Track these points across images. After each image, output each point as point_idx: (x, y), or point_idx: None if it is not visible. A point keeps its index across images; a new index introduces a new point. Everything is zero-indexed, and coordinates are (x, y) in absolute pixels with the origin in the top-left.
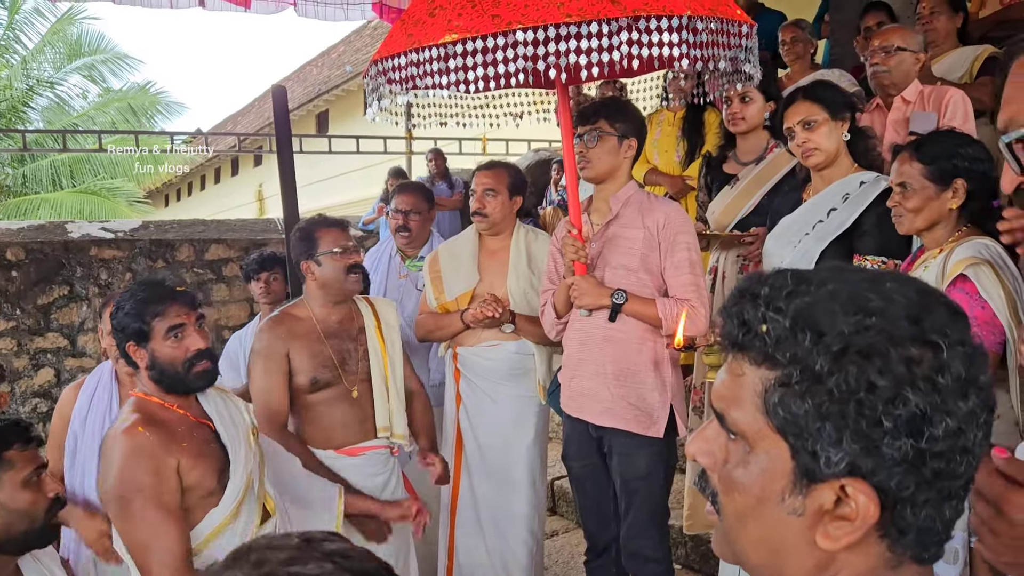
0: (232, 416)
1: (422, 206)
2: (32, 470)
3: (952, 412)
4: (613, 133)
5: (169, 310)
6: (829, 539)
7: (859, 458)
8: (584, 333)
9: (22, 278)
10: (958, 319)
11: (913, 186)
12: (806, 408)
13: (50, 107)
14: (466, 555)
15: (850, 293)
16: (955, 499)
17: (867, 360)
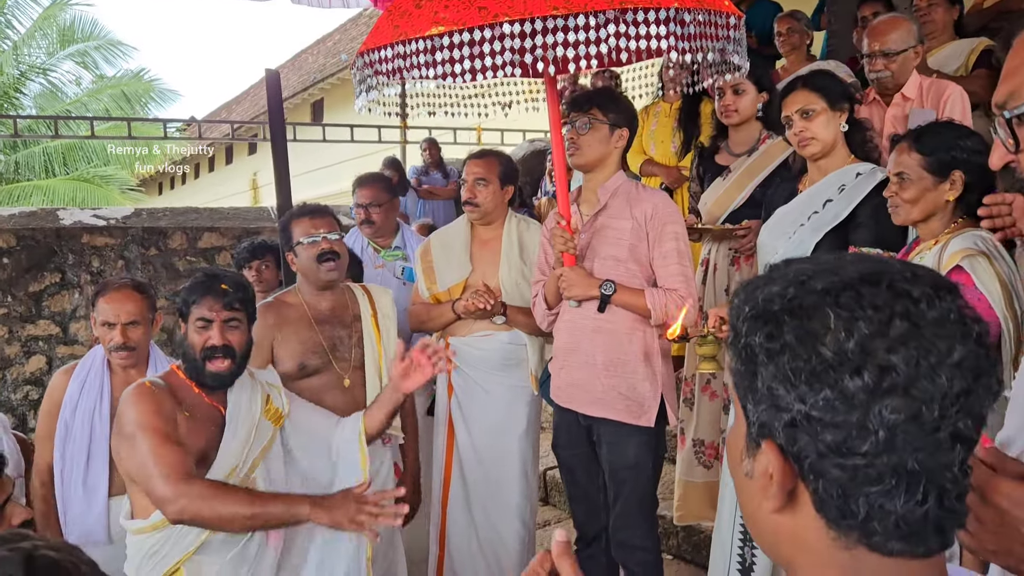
0: (249, 407)
1: (382, 197)
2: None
3: (834, 384)
4: (605, 121)
5: (204, 301)
6: (765, 501)
7: (768, 419)
8: (574, 324)
9: (13, 265)
10: (896, 299)
11: (911, 177)
12: (736, 368)
13: (42, 94)
14: (457, 545)
15: (799, 270)
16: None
17: (767, 325)
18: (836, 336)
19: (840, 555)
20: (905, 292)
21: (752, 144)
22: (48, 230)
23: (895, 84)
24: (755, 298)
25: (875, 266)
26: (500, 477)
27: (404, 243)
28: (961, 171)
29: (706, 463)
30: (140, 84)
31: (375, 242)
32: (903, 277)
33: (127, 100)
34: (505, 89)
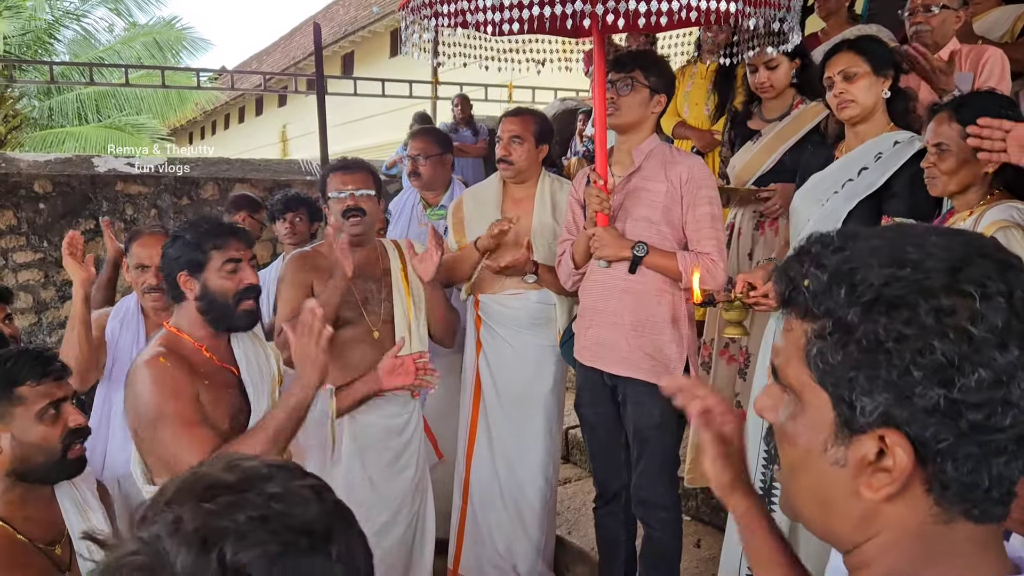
0: (260, 364)
1: (431, 150)
2: (46, 404)
3: (987, 363)
4: (646, 85)
5: (229, 244)
6: (871, 490)
7: (892, 408)
8: (603, 284)
9: (49, 210)
10: (1007, 271)
11: (950, 148)
12: (840, 359)
13: (76, 40)
14: (480, 498)
15: (891, 247)
16: (1005, 455)
17: (895, 310)
18: (982, 314)
19: (932, 529)
20: (1008, 263)
21: (785, 110)
22: (83, 177)
23: (933, 42)
24: (859, 281)
25: (967, 237)
26: (525, 433)
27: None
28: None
29: None
30: (172, 32)
31: (425, 197)
32: (996, 247)
33: (159, 48)
34: (539, 47)
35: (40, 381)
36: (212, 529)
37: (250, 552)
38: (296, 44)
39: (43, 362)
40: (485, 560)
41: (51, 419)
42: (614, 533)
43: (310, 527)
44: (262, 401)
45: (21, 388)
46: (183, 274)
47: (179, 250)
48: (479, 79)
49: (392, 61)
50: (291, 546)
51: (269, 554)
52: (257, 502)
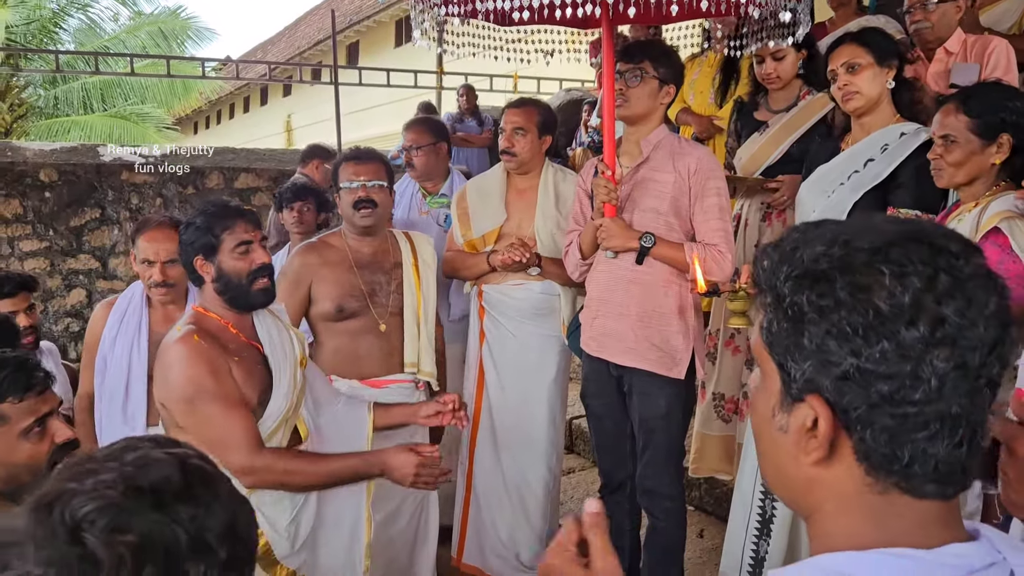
0: (283, 343)
1: (423, 140)
2: (31, 422)
3: (891, 336)
4: (655, 76)
5: (238, 225)
6: (804, 454)
7: (815, 375)
8: (610, 275)
9: (55, 199)
10: (937, 255)
11: (957, 139)
12: (777, 328)
13: (81, 29)
14: (483, 487)
15: (835, 231)
16: (925, 430)
17: (816, 283)
18: (891, 290)
19: (871, 499)
20: (944, 248)
21: (792, 101)
22: (89, 166)
23: (935, 37)
24: (796, 258)
25: (912, 225)
26: (528, 423)
27: (452, 191)
28: (1009, 134)
29: (725, 417)
30: (177, 22)
31: (423, 187)
32: (939, 234)
33: (164, 37)
34: (546, 37)
35: (23, 397)
36: (56, 491)
37: (86, 507)
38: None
39: (25, 374)
40: (488, 549)
41: (37, 436)
42: (618, 523)
43: (156, 488)
44: (284, 379)
45: (2, 406)
46: (199, 258)
47: (192, 235)
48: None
49: (397, 51)
50: (130, 502)
51: (104, 508)
52: (111, 467)
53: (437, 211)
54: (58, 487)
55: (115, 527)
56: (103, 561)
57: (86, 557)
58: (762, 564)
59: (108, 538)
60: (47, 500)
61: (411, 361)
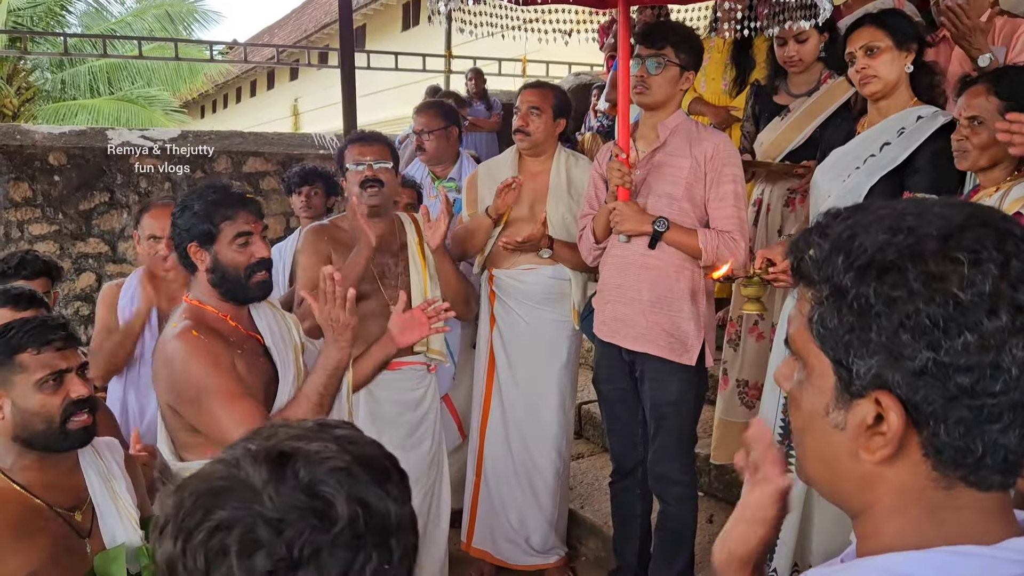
0: (282, 332)
1: (434, 124)
2: (47, 374)
3: (973, 327)
4: (677, 63)
5: (239, 216)
6: (868, 452)
7: (884, 370)
8: (622, 259)
9: (64, 183)
10: (1005, 239)
11: (986, 121)
12: (836, 323)
13: (88, 12)
14: (494, 471)
15: (892, 216)
16: (1000, 422)
17: (885, 274)
18: (971, 279)
19: (934, 494)
20: (1010, 232)
21: (813, 84)
22: (97, 150)
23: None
24: (855, 247)
25: (972, 208)
26: (538, 408)
27: (461, 175)
28: None
29: (748, 403)
30: (183, 5)
31: (432, 171)
32: (1000, 218)
33: (171, 20)
34: (563, 17)
35: (41, 350)
36: (287, 447)
37: (321, 467)
38: (308, 17)
39: (46, 331)
40: (498, 534)
41: (51, 388)
42: (629, 508)
43: (372, 462)
44: (289, 369)
45: (22, 356)
46: (193, 245)
47: (188, 220)
48: (493, 53)
49: (404, 34)
50: (357, 471)
51: (338, 470)
52: (326, 437)
53: (448, 194)
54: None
55: (349, 490)
56: (340, 517)
57: (322, 511)
58: (773, 550)
59: (343, 497)
60: (276, 453)
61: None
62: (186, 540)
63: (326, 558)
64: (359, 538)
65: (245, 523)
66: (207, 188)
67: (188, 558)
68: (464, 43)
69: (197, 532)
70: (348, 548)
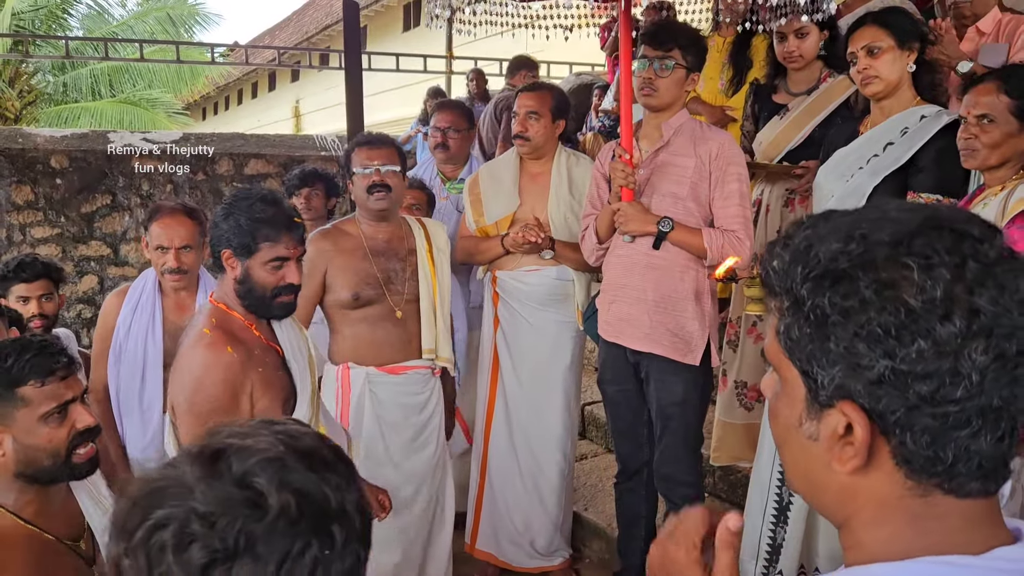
0: (300, 346)
1: (461, 124)
2: (52, 407)
3: (926, 334)
4: (684, 65)
5: (282, 239)
6: (840, 463)
7: (846, 380)
8: (627, 259)
9: (66, 186)
10: (961, 241)
11: (996, 120)
12: (798, 334)
13: (89, 15)
14: (498, 474)
15: (847, 224)
16: (968, 428)
17: (838, 284)
18: (921, 285)
19: (912, 503)
20: (967, 233)
21: (812, 83)
22: (99, 152)
23: (972, 14)
24: (811, 257)
25: (928, 211)
26: (542, 409)
27: None
28: None
29: (747, 405)
30: (184, 7)
31: (443, 171)
32: (959, 219)
33: (172, 23)
34: (565, 12)
35: (45, 381)
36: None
37: (253, 459)
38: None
39: (48, 359)
40: (503, 535)
41: (56, 421)
42: (634, 509)
43: (310, 453)
44: (305, 384)
45: (24, 389)
46: (228, 252)
47: (230, 228)
48: (494, 53)
49: (406, 35)
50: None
51: (271, 461)
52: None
53: (457, 196)
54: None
55: (281, 479)
56: (271, 507)
57: (254, 501)
58: (779, 551)
59: (275, 488)
60: (209, 451)
61: (428, 347)
62: (128, 541)
63: (262, 547)
64: (295, 525)
65: (179, 519)
66: (259, 201)
67: (131, 558)
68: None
69: (137, 532)
70: (284, 536)
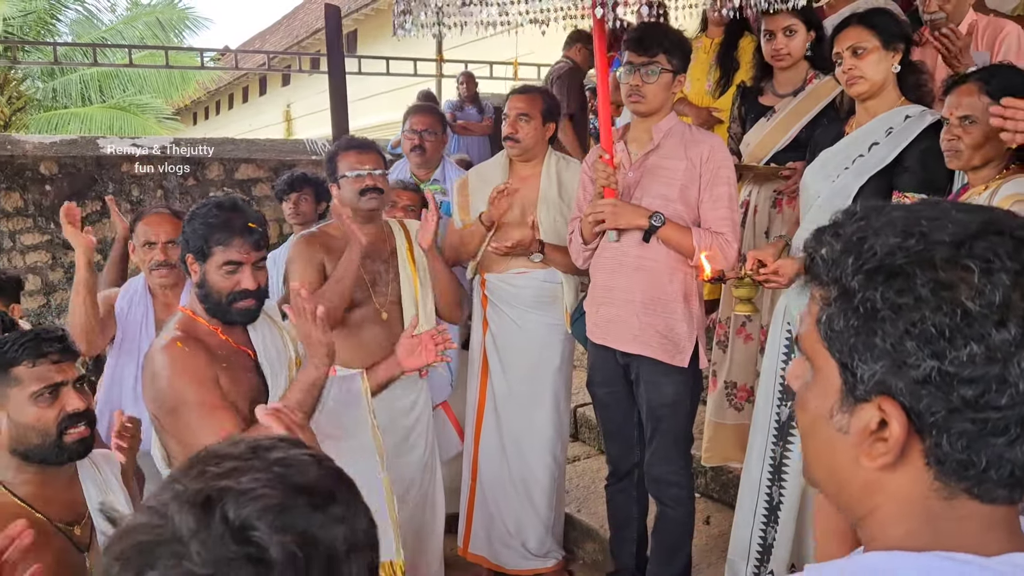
0: (277, 347)
1: (437, 127)
2: (42, 387)
3: (980, 338)
4: (671, 69)
5: (233, 243)
6: (869, 458)
7: (888, 376)
8: (615, 261)
9: (55, 192)
10: (1022, 248)
11: (978, 120)
12: (843, 325)
13: (78, 20)
14: (489, 476)
15: (906, 219)
16: (1005, 436)
17: (893, 279)
18: (980, 289)
19: (935, 504)
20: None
21: (798, 84)
22: (89, 158)
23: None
24: (865, 249)
25: (988, 214)
26: (533, 412)
27: (444, 177)
28: None
29: (737, 405)
30: (174, 12)
31: (417, 175)
32: (1018, 225)
33: (161, 28)
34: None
35: (36, 362)
36: (214, 489)
37: (251, 507)
38: (299, 22)
39: (41, 343)
40: (495, 538)
41: (46, 401)
42: (626, 511)
43: (311, 488)
44: (280, 383)
45: (17, 369)
46: (190, 256)
47: (190, 232)
48: (484, 56)
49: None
50: (291, 502)
51: (270, 508)
52: (259, 466)
53: (438, 195)
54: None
55: (282, 526)
56: (275, 561)
57: (256, 557)
58: (770, 551)
59: (278, 538)
60: (202, 498)
61: None
62: None
63: None
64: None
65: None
66: (215, 207)
67: None
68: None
69: None
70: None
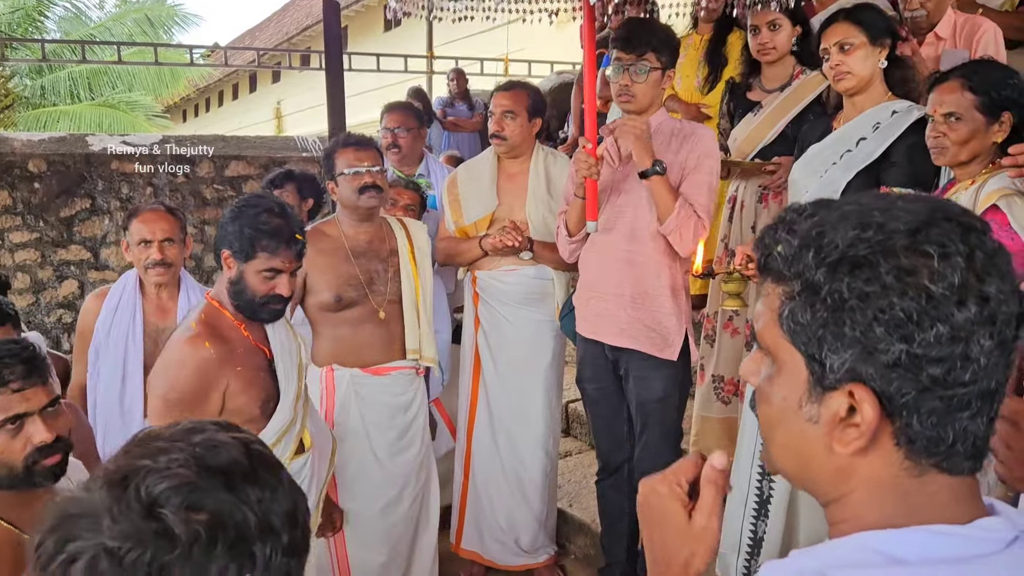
0: (291, 350)
1: (410, 123)
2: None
3: (945, 319)
4: (659, 67)
5: (279, 253)
6: (841, 444)
7: (858, 363)
8: (602, 255)
9: (44, 190)
10: (968, 233)
11: (963, 117)
12: (809, 318)
13: (66, 17)
14: (481, 471)
15: (858, 212)
16: (969, 410)
17: (858, 269)
18: (940, 272)
19: (906, 482)
20: (971, 225)
21: (785, 80)
22: (78, 156)
23: (929, 24)
24: (826, 243)
25: (934, 203)
26: (525, 407)
27: (428, 171)
28: (1011, 112)
29: (724, 399)
30: (163, 8)
31: (400, 171)
32: (960, 211)
33: (150, 24)
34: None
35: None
36: (132, 468)
37: (162, 484)
38: (289, 19)
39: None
40: (487, 534)
41: (9, 433)
42: (617, 506)
43: (227, 469)
44: (291, 386)
45: None
46: (227, 252)
47: (234, 232)
48: (474, 53)
49: (386, 36)
50: (204, 483)
51: (181, 487)
52: (181, 447)
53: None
54: (130, 463)
55: (190, 505)
56: (179, 537)
57: (162, 532)
58: (760, 544)
59: (184, 515)
60: (120, 476)
61: (412, 348)
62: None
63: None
64: (209, 552)
65: (89, 555)
66: (266, 211)
67: None
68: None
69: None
70: (199, 564)
